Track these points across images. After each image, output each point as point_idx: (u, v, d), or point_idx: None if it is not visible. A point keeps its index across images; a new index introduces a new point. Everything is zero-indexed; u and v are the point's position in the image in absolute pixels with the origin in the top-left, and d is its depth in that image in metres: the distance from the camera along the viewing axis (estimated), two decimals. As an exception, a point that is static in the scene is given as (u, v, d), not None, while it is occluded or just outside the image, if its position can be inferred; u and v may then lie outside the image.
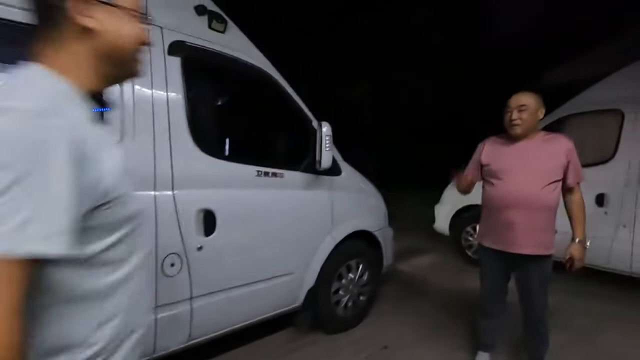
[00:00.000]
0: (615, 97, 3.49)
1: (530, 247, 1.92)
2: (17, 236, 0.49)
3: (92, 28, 0.64)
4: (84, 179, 0.56)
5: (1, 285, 0.49)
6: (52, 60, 0.63)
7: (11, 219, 0.48)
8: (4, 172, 0.48)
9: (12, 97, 0.55)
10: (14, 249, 0.48)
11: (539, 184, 1.89)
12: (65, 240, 0.53)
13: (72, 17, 0.62)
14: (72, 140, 0.55)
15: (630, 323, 2.98)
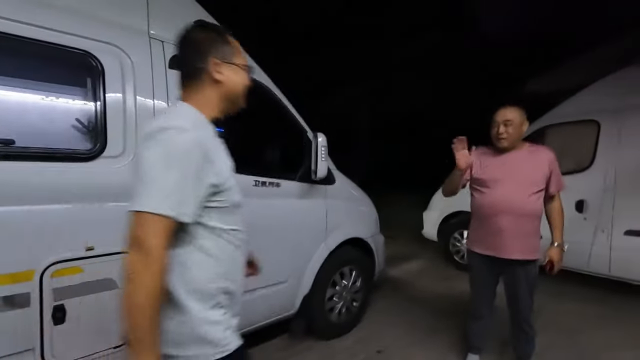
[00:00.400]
0: (591, 108, 3.70)
1: (519, 252, 2.03)
2: (158, 201, 0.81)
3: (220, 80, 1.00)
4: (207, 173, 0.89)
5: (153, 239, 0.80)
6: (193, 100, 0.99)
7: (159, 190, 0.82)
8: (159, 161, 0.84)
9: (171, 120, 0.91)
10: (156, 209, 0.81)
11: (525, 192, 2.01)
12: (188, 212, 0.86)
13: (209, 73, 0.98)
14: (202, 147, 0.88)
15: (613, 323, 3.13)
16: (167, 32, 1.84)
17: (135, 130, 1.65)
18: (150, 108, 1.72)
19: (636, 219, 3.30)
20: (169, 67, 1.79)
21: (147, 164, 0.84)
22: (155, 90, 1.74)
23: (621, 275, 3.43)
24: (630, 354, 2.64)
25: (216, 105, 1.03)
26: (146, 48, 1.75)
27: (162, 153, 0.84)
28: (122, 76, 1.64)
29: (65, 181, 1.48)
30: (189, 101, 0.99)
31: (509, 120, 2.02)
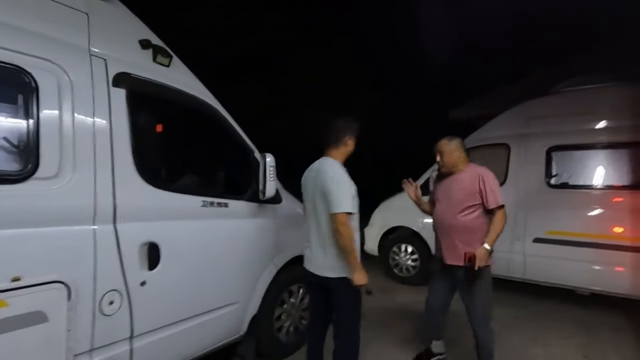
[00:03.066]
0: (503, 133, 4.28)
1: (451, 259, 2.36)
2: (344, 206, 1.92)
3: (348, 145, 2.14)
4: (351, 189, 2.01)
5: (348, 220, 1.93)
6: (333, 154, 2.12)
7: (343, 201, 1.93)
8: (337, 187, 1.96)
9: (332, 165, 2.05)
10: (346, 210, 1.92)
11: (455, 209, 2.34)
12: (353, 207, 1.98)
13: (345, 142, 2.12)
14: (346, 177, 2.02)
15: (528, 324, 3.56)
16: (109, 49, 1.79)
17: (73, 152, 1.56)
18: (90, 127, 1.64)
19: (542, 228, 3.84)
20: (112, 85, 1.74)
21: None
22: (96, 109, 1.67)
23: (533, 278, 3.94)
24: (557, 349, 3.04)
25: (343, 156, 2.14)
26: (86, 65, 1.68)
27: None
28: (58, 94, 1.56)
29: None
30: (332, 156, 2.12)
31: (442, 151, 2.41)
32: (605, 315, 3.73)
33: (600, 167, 3.72)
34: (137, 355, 1.79)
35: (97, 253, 1.63)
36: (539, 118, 4.12)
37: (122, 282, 1.72)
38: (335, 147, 2.10)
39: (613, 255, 3.47)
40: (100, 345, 1.65)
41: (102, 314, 1.65)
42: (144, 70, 1.92)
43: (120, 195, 1.71)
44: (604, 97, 3.80)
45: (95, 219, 1.63)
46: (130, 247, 1.75)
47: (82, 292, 1.57)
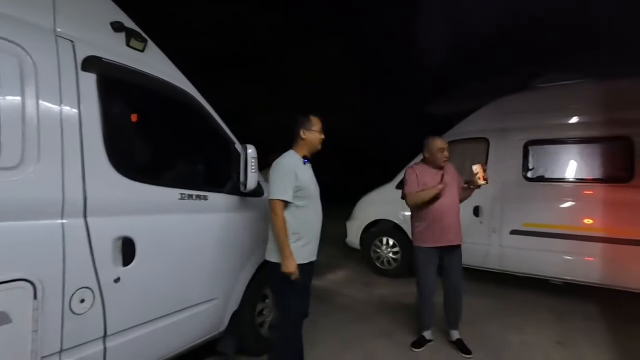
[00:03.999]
0: (482, 128, 4.35)
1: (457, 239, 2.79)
2: (277, 193, 2.03)
3: (305, 138, 2.18)
4: (294, 180, 2.05)
5: (278, 208, 2.02)
6: (294, 148, 2.21)
7: (277, 189, 2.04)
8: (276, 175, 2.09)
9: (284, 157, 2.15)
10: (277, 197, 2.03)
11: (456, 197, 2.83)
12: (289, 196, 2.04)
13: (300, 135, 2.18)
14: (293, 168, 2.07)
15: (503, 313, 3.66)
16: (77, 31, 1.67)
17: (38, 140, 1.45)
18: (57, 115, 1.53)
19: (518, 220, 3.95)
20: (82, 69, 1.62)
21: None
22: (64, 94, 1.56)
23: (510, 269, 4.06)
24: (532, 337, 3.14)
25: (303, 150, 2.20)
26: (52, 48, 1.56)
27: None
28: (21, 78, 1.43)
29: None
30: (294, 149, 2.21)
31: (445, 147, 2.81)
32: (577, 304, 3.88)
33: (573, 161, 3.86)
34: (112, 355, 1.70)
35: (67, 249, 1.53)
36: (516, 113, 4.21)
37: (94, 279, 1.62)
38: (295, 141, 2.20)
39: (584, 246, 3.61)
40: (71, 346, 1.56)
41: (72, 313, 1.55)
42: (117, 55, 1.80)
43: (91, 188, 1.61)
44: (577, 94, 3.93)
45: (64, 212, 1.53)
46: (103, 243, 1.65)
47: (50, 290, 1.47)
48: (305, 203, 2.09)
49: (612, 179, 3.62)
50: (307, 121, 2.18)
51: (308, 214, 2.12)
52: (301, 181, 2.06)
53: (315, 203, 2.18)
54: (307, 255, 2.13)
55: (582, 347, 2.94)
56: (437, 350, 2.89)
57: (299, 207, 2.08)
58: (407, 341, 2.98)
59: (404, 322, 3.40)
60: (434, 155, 2.81)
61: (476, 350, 2.81)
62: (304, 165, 2.15)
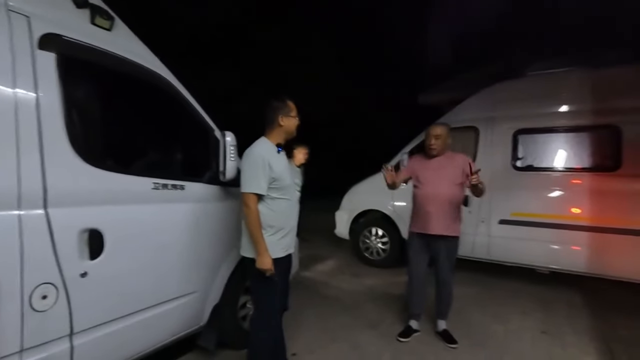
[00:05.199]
0: (471, 116, 4.29)
1: (441, 229, 2.68)
2: (250, 186, 1.90)
3: (282, 124, 2.02)
4: (269, 171, 1.91)
5: (251, 202, 1.89)
6: (268, 135, 2.05)
7: (249, 181, 1.90)
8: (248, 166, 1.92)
9: (256, 146, 1.99)
10: (250, 190, 1.89)
11: (450, 185, 2.69)
12: (263, 188, 1.91)
13: (278, 122, 2.02)
14: (267, 159, 1.91)
15: (489, 302, 3.66)
16: (33, 5, 1.53)
17: (-9, 124, 1.33)
18: (10, 97, 1.40)
19: (507, 209, 3.92)
20: (39, 47, 1.48)
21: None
22: (18, 74, 1.42)
23: (498, 258, 4.05)
24: (517, 326, 3.14)
25: (279, 137, 2.05)
26: (3, 23, 1.42)
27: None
28: (-34, 55, 1.31)
29: None
30: (267, 136, 2.05)
31: (439, 135, 2.73)
32: (562, 293, 3.91)
33: (562, 150, 3.83)
34: (80, 353, 1.61)
35: (25, 242, 1.42)
36: (505, 101, 4.16)
37: (57, 273, 1.52)
38: (270, 127, 2.04)
39: (571, 235, 3.61)
40: (33, 345, 1.46)
41: (33, 310, 1.45)
42: (79, 33, 1.66)
43: (51, 176, 1.49)
44: (567, 82, 3.88)
45: (21, 203, 1.41)
46: (66, 235, 1.54)
47: (7, 286, 1.37)
48: (280, 194, 1.97)
49: (599, 168, 3.60)
50: (285, 106, 2.02)
51: (283, 205, 2.00)
52: (275, 172, 1.92)
53: (290, 193, 2.05)
54: (284, 248, 2.04)
55: (566, 335, 2.96)
56: (423, 340, 2.87)
57: (274, 198, 1.96)
58: (394, 331, 2.96)
59: (392, 312, 3.37)
60: (425, 142, 2.83)
61: (461, 339, 2.80)
62: (277, 154, 2.00)
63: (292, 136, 2.11)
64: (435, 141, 2.74)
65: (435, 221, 2.69)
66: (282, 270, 2.04)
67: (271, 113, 2.02)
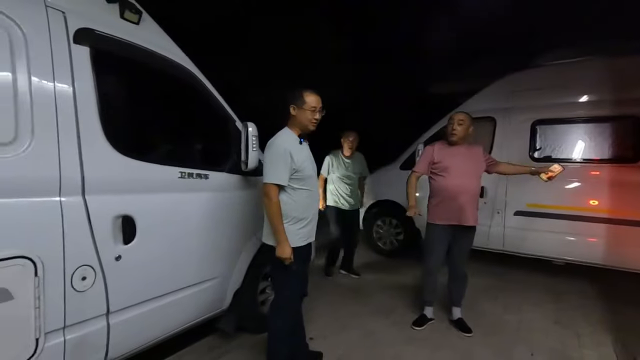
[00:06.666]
0: (489, 107, 4.25)
1: (466, 220, 2.71)
2: (271, 177, 1.92)
3: (294, 115, 2.03)
4: (290, 162, 1.92)
5: (272, 193, 1.92)
6: (289, 126, 2.06)
7: (270, 172, 1.92)
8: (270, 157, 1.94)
9: (278, 136, 2.02)
10: (271, 181, 1.91)
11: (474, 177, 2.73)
12: (284, 180, 1.93)
13: (290, 111, 2.03)
14: (288, 149, 1.93)
15: (500, 292, 3.70)
16: (69, 2, 1.59)
17: (31, 115, 1.41)
18: (50, 89, 1.48)
19: (523, 200, 3.91)
20: (74, 41, 1.56)
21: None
22: (56, 68, 1.50)
23: (512, 250, 4.05)
24: (530, 316, 3.17)
25: (297, 127, 2.05)
26: (42, 19, 1.49)
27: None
28: (10, 50, 1.38)
29: None
30: (288, 126, 2.07)
31: (462, 121, 2.72)
32: (575, 284, 3.91)
33: (580, 141, 3.77)
34: (115, 331, 1.72)
35: (66, 227, 1.51)
36: (523, 91, 4.10)
37: (94, 257, 1.62)
38: (288, 118, 2.07)
39: (588, 227, 3.59)
40: (74, 322, 1.57)
41: (74, 290, 1.55)
42: (110, 27, 1.73)
43: (88, 165, 1.58)
44: (586, 71, 3.80)
45: (62, 190, 1.50)
46: (102, 221, 1.64)
47: (51, 268, 1.47)
48: (301, 184, 1.99)
49: (619, 159, 3.55)
50: (297, 97, 2.00)
51: (304, 195, 2.02)
52: (296, 163, 1.94)
53: (312, 183, 2.07)
54: (305, 237, 2.08)
55: (579, 327, 2.97)
56: (437, 329, 2.92)
57: (296, 189, 1.98)
58: (406, 320, 3.02)
59: (403, 301, 3.44)
60: (446, 128, 2.81)
61: (474, 328, 2.85)
62: (299, 145, 2.02)
63: (306, 130, 2.07)
64: (458, 127, 2.71)
65: (467, 212, 2.69)
66: (302, 259, 2.09)
67: (286, 104, 2.04)
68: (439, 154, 2.80)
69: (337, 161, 3.91)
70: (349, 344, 2.66)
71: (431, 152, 2.85)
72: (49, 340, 1.49)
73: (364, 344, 2.68)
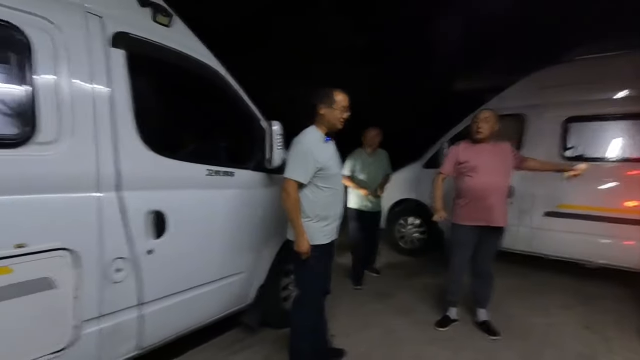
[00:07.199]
0: (518, 104, 4.11)
1: (494, 220, 2.64)
2: (292, 173, 1.93)
3: (322, 114, 2.03)
4: (314, 160, 1.93)
5: (291, 189, 1.92)
6: (316, 124, 2.06)
7: (292, 168, 1.94)
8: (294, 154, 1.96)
9: (304, 135, 2.02)
10: (291, 177, 1.92)
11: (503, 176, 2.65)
12: (305, 177, 1.94)
13: (317, 110, 2.04)
14: (313, 148, 1.95)
15: (527, 294, 3.59)
16: (106, 7, 1.67)
17: (72, 116, 1.49)
18: (89, 90, 1.56)
19: (553, 202, 3.77)
20: (111, 45, 1.63)
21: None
22: (94, 70, 1.58)
23: (541, 251, 3.92)
24: (558, 320, 3.07)
25: (324, 126, 2.06)
26: (82, 24, 1.57)
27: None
28: (54, 54, 1.46)
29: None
30: (315, 125, 2.07)
31: (488, 119, 2.65)
32: (606, 288, 3.74)
33: (616, 139, 3.59)
34: (147, 322, 1.81)
35: (103, 221, 1.60)
36: (555, 88, 3.93)
37: (129, 250, 1.70)
38: (315, 116, 2.07)
39: (624, 230, 3.42)
40: (109, 312, 1.66)
41: (110, 281, 1.64)
42: (144, 30, 1.80)
43: (123, 163, 1.66)
44: (622, 66, 3.60)
45: (99, 186, 1.59)
46: (136, 216, 1.72)
47: (89, 259, 1.56)
48: (326, 183, 1.99)
49: (658, 159, 3.36)
50: (327, 96, 2.02)
51: (329, 194, 2.02)
52: (321, 161, 1.94)
53: (336, 182, 2.07)
54: (328, 235, 2.08)
55: (610, 332, 2.85)
56: (461, 330, 2.88)
57: (320, 187, 1.99)
58: (428, 320, 2.99)
59: (425, 301, 3.40)
60: (471, 127, 2.75)
61: (502, 332, 2.78)
62: (324, 144, 2.02)
63: (335, 129, 2.07)
64: (483, 125, 2.64)
65: (496, 212, 2.62)
66: (326, 256, 2.11)
67: (314, 103, 2.05)
68: (465, 153, 2.74)
69: (360, 160, 3.80)
70: (370, 343, 2.66)
71: (457, 152, 2.79)
72: (86, 329, 1.58)
73: (386, 342, 2.68)
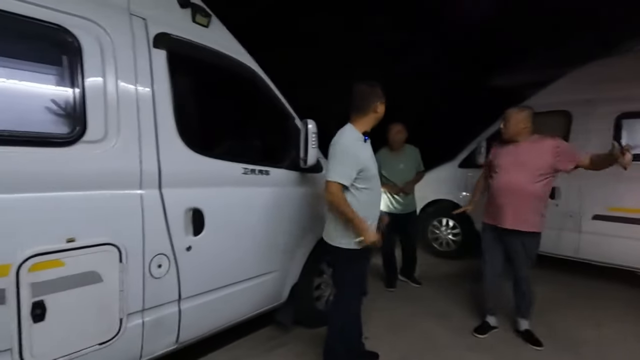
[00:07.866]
0: (563, 99, 3.86)
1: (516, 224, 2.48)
2: (335, 175, 1.86)
3: (378, 112, 1.97)
4: (356, 160, 1.87)
5: (336, 190, 1.85)
6: (355, 122, 1.98)
7: (336, 170, 1.87)
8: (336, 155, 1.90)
9: (345, 135, 1.94)
10: (335, 179, 1.86)
11: (530, 177, 2.43)
12: (348, 179, 1.86)
13: (373, 109, 1.96)
14: (355, 148, 1.89)
15: (573, 303, 3.35)
16: (148, 8, 1.72)
17: (118, 115, 1.54)
18: (133, 90, 1.61)
19: (603, 204, 3.50)
20: (153, 46, 1.67)
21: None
22: (138, 71, 1.63)
23: (588, 257, 3.65)
24: (610, 331, 2.86)
25: (367, 124, 2.00)
26: (127, 26, 1.62)
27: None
28: (101, 55, 1.52)
29: (41, 167, 1.36)
30: (353, 123, 1.99)
31: (508, 119, 2.54)
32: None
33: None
34: (185, 316, 1.84)
35: (145, 217, 1.64)
36: (606, 82, 3.65)
37: (169, 246, 1.74)
38: (362, 114, 1.96)
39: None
40: (151, 306, 1.71)
41: (151, 276, 1.68)
42: (184, 31, 1.84)
43: (164, 161, 1.70)
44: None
45: (142, 183, 1.63)
46: (175, 213, 1.75)
47: (132, 254, 1.60)
48: (365, 184, 1.92)
49: None
50: (380, 92, 1.96)
51: (369, 195, 1.95)
52: (361, 162, 1.88)
53: (375, 182, 2.00)
54: None
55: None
56: (502, 338, 2.73)
57: (360, 188, 1.91)
58: (465, 325, 2.86)
59: (460, 305, 3.26)
60: (503, 128, 2.61)
61: (544, 342, 2.61)
62: (364, 143, 1.95)
63: (372, 127, 2.04)
64: (505, 124, 2.54)
65: (507, 214, 2.50)
66: (364, 257, 2.06)
67: (365, 99, 1.94)
68: (495, 152, 2.70)
69: (386, 159, 3.57)
70: (405, 347, 2.59)
71: (493, 150, 2.77)
72: (130, 321, 1.63)
73: (422, 347, 2.59)
